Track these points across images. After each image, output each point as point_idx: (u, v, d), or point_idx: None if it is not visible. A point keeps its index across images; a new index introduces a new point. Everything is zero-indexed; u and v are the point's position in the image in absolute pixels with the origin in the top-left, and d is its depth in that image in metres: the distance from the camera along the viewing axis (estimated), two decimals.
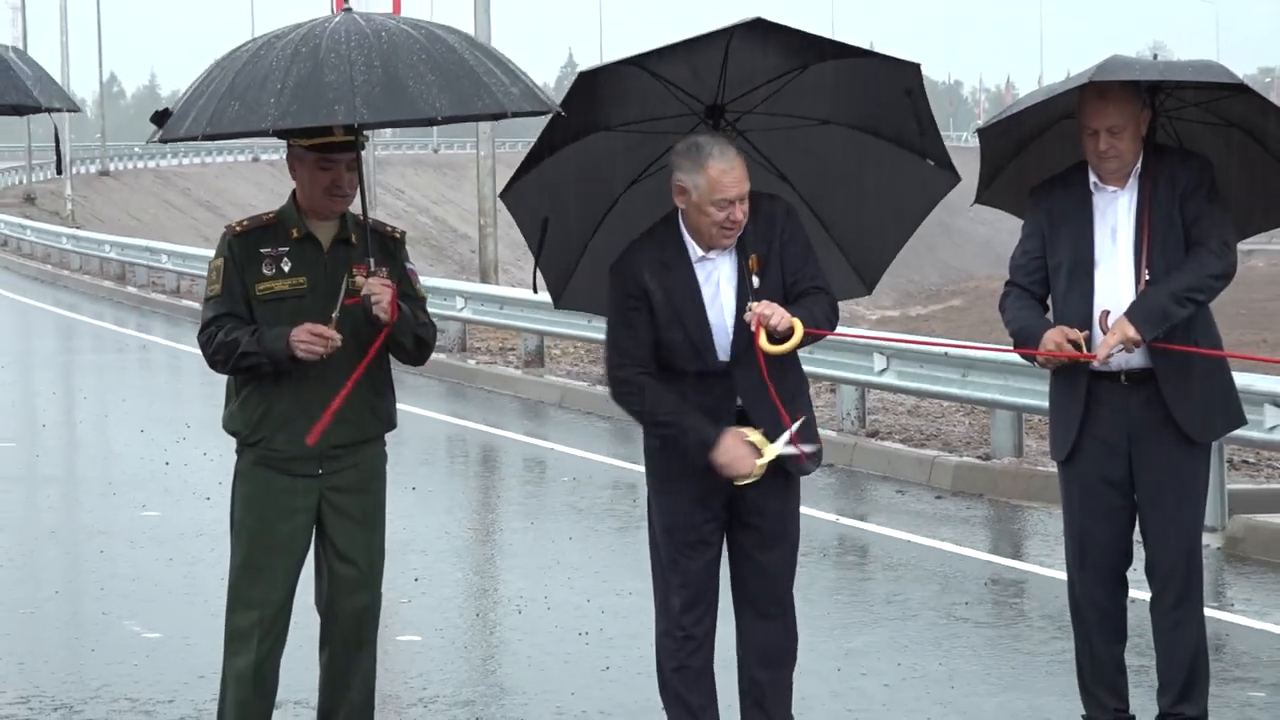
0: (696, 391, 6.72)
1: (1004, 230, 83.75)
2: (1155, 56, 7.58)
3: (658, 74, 6.74)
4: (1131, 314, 6.86)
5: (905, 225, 7.32)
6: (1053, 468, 7.34)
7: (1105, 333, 6.89)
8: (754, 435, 6.63)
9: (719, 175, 6.63)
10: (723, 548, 6.92)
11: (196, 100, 6.36)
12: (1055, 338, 6.94)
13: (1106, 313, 6.93)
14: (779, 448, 6.63)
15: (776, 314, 6.60)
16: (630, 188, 7.03)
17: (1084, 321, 7.00)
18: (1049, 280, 7.13)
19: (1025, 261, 7.16)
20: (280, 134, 6.60)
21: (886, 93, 7.00)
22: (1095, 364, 6.95)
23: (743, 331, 6.66)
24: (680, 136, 6.83)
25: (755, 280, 6.70)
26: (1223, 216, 7.03)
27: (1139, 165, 7.01)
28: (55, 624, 9.94)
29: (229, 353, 6.54)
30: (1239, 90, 6.99)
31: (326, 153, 6.54)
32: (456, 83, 6.28)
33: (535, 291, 7.11)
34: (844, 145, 7.12)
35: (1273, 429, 11.72)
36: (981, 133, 7.25)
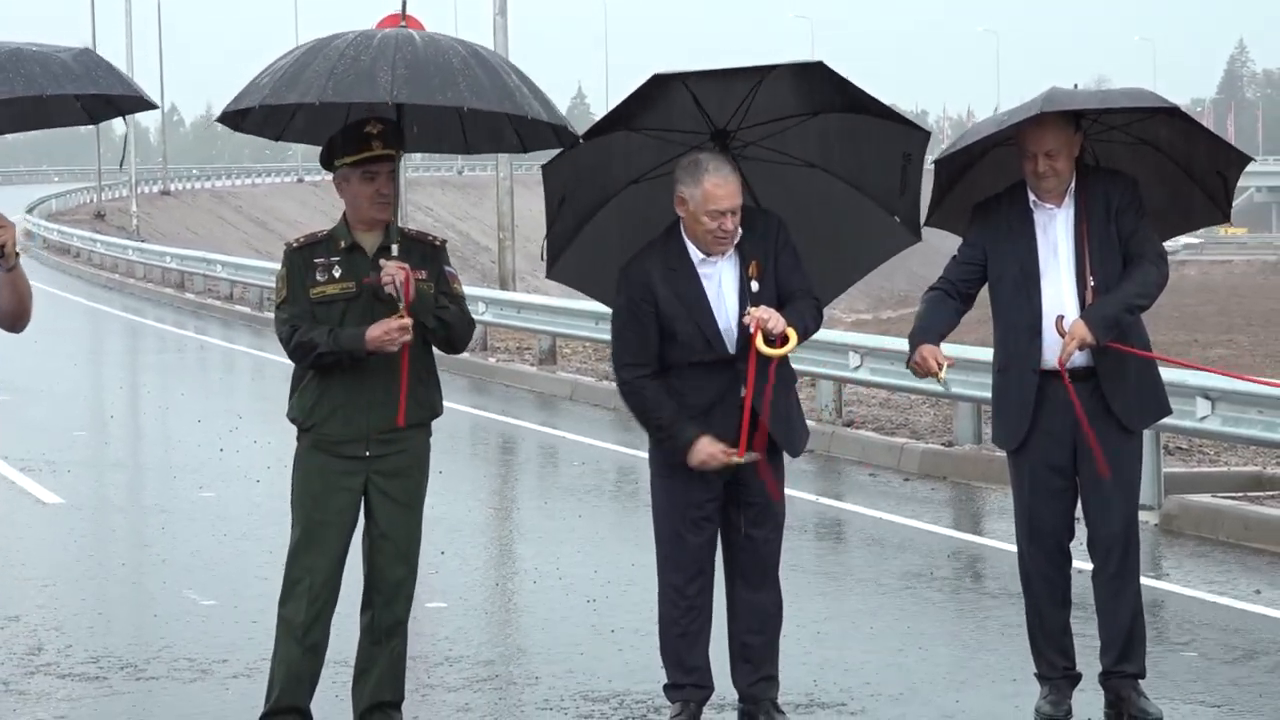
0: (707, 379, 6.74)
1: None
2: (1075, 86, 7.61)
3: (693, 89, 6.73)
4: (1089, 320, 6.87)
5: (855, 271, 7.35)
6: None
7: (1061, 335, 6.90)
8: (726, 452, 6.67)
9: (713, 189, 6.64)
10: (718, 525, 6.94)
11: (260, 80, 6.44)
12: (926, 354, 6.98)
13: (1061, 317, 6.93)
14: (741, 461, 6.69)
15: (774, 319, 6.61)
16: (627, 187, 7.03)
17: (1033, 327, 7.01)
18: (978, 285, 7.14)
19: (959, 265, 7.14)
20: (325, 164, 6.71)
21: (885, 151, 7.01)
22: (1057, 364, 6.94)
23: (745, 330, 6.67)
24: (685, 151, 6.84)
25: (755, 285, 6.72)
26: (1151, 231, 7.07)
27: (1073, 184, 7.04)
28: (122, 592, 9.94)
29: (306, 351, 6.60)
30: (1170, 113, 7.02)
31: (369, 165, 6.58)
32: (486, 85, 6.31)
33: (543, 259, 7.12)
34: (823, 190, 7.12)
35: (1203, 419, 11.74)
36: (937, 163, 7.25)
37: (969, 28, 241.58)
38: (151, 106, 6.86)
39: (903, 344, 15.26)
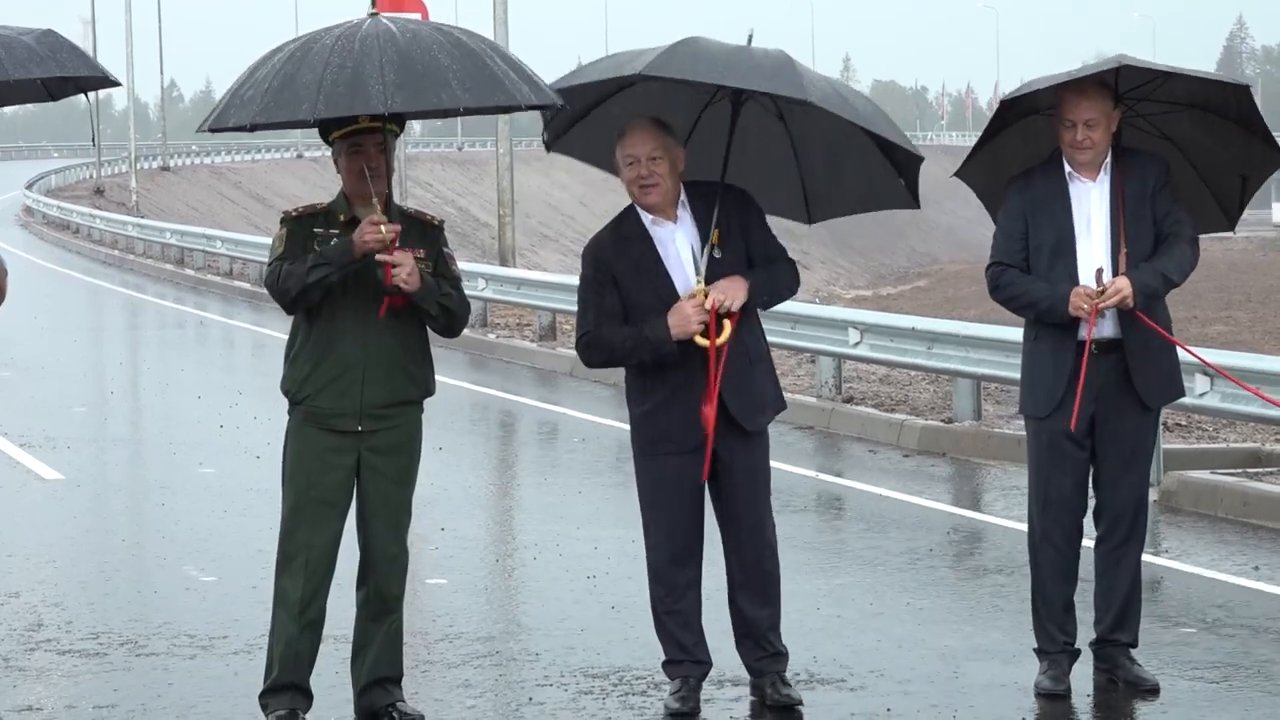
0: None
1: (964, 219, 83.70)
2: (1081, 65, 7.64)
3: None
4: (1131, 279, 6.91)
5: (859, 202, 7.48)
6: (1008, 429, 7.38)
7: (1099, 286, 6.93)
8: (708, 300, 6.67)
9: (624, 136, 6.80)
10: (705, 502, 6.95)
11: (244, 92, 6.39)
12: (1078, 290, 6.94)
13: (1100, 270, 6.96)
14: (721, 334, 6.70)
15: (723, 295, 6.68)
16: (646, 81, 6.87)
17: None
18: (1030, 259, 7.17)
19: (1010, 244, 7.16)
20: (324, 137, 6.69)
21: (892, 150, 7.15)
22: (1088, 318, 6.95)
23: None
24: (701, 83, 6.82)
25: (718, 253, 6.78)
26: (1184, 214, 7.12)
27: (1109, 161, 7.07)
28: (122, 568, 9.94)
29: (298, 277, 6.48)
30: (1239, 90, 7.10)
31: (354, 138, 6.57)
32: (476, 79, 6.31)
33: (543, 140, 7.32)
34: (846, 129, 7.11)
35: (1202, 395, 11.74)
36: (1002, 103, 7.27)
37: (969, 3, 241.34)
38: (114, 84, 6.89)
39: (903, 320, 15.41)
